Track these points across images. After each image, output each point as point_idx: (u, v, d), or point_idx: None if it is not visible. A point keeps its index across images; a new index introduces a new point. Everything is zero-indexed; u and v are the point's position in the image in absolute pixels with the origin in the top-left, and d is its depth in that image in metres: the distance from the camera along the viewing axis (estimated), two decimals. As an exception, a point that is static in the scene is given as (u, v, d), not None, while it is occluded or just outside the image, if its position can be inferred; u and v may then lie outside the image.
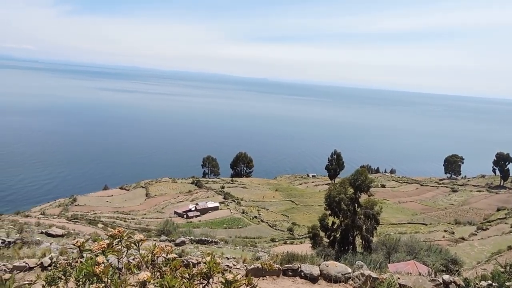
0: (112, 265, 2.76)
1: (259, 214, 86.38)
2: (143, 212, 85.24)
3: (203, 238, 33.72)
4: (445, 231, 68.86)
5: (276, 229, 76.67)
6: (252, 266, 8.17)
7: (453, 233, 66.50)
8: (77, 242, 2.87)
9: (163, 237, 31.55)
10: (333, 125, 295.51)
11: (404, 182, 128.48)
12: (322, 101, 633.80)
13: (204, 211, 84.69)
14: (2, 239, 18.92)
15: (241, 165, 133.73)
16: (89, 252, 2.86)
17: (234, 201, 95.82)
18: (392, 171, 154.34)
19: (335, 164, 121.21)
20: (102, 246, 2.87)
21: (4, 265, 8.00)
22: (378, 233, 43.90)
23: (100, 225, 56.23)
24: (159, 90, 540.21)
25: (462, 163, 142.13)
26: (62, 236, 31.69)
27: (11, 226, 29.20)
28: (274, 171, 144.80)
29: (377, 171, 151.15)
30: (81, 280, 2.64)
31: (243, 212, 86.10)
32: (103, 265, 2.55)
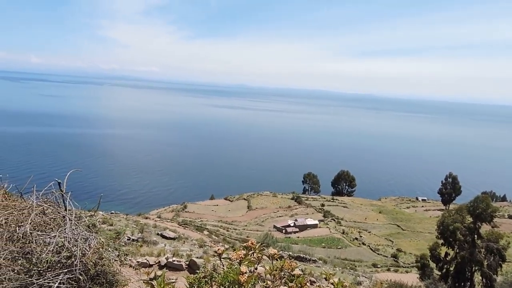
0: (256, 275, 2.95)
1: (361, 236, 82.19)
2: (244, 223, 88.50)
3: (301, 255, 33.47)
4: None
5: (378, 254, 71.89)
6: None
7: None
8: (218, 249, 3.17)
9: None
10: (449, 144, 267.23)
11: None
12: (435, 118, 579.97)
13: (303, 227, 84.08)
14: (128, 237, 21.59)
15: (343, 184, 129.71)
16: (228, 260, 3.11)
17: (334, 220, 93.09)
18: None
19: (450, 188, 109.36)
20: (240, 256, 3.10)
21: (130, 259, 9.13)
22: (504, 272, 37.83)
23: (205, 232, 60.16)
24: (264, 107, 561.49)
25: None
26: (174, 239, 34.75)
27: (134, 226, 32.96)
28: (378, 191, 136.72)
29: (503, 199, 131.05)
30: (224, 286, 2.86)
31: (343, 232, 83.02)
32: (246, 274, 2.75)
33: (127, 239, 21.30)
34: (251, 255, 3.15)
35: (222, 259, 3.28)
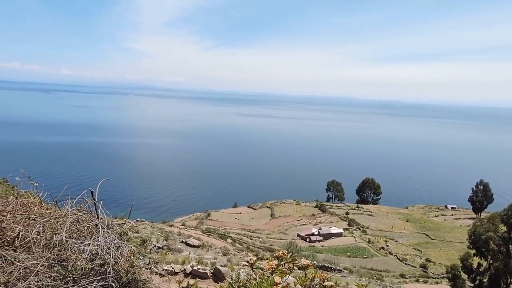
0: (287, 286, 2.94)
1: (387, 246, 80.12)
2: (268, 231, 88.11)
3: (326, 265, 32.98)
4: None
5: (406, 264, 69.79)
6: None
7: None
8: (250, 259, 3.19)
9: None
10: (479, 150, 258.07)
11: None
12: (464, 123, 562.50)
13: (327, 236, 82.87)
14: (154, 244, 21.89)
15: (368, 191, 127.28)
16: (260, 270, 3.11)
17: (359, 228, 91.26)
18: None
19: (481, 196, 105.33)
20: (272, 266, 3.10)
21: (155, 267, 9.26)
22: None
23: (229, 240, 60.27)
24: (286, 115, 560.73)
25: None
26: (198, 247, 34.97)
27: (159, 233, 33.44)
28: (405, 199, 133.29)
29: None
30: None
31: (369, 241, 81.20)
32: (280, 285, 2.75)
33: (153, 247, 21.63)
34: (282, 265, 3.13)
35: (254, 269, 3.27)
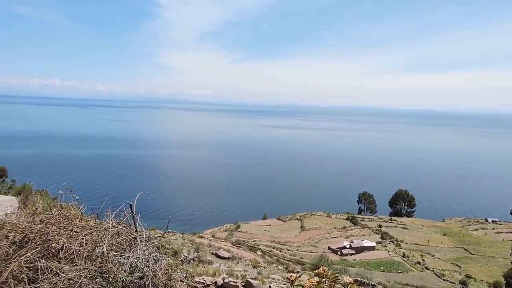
0: None
1: (423, 260, 76.93)
2: (298, 244, 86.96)
3: (359, 279, 32.03)
4: None
5: (444, 280, 66.61)
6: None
7: None
8: (291, 276, 3.21)
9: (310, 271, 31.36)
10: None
11: None
12: (502, 132, 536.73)
13: (359, 249, 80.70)
14: (185, 256, 22.13)
15: (401, 204, 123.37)
16: (301, 287, 3.11)
17: (393, 242, 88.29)
18: None
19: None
20: (313, 283, 3.10)
21: (192, 280, 9.35)
22: None
23: (259, 253, 59.99)
24: (316, 126, 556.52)
25: None
26: (228, 258, 35.03)
27: (190, 245, 33.78)
28: (441, 212, 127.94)
29: None
30: None
31: (403, 256, 78.30)
32: None
33: (184, 258, 21.86)
34: (323, 283, 3.10)
35: (294, 286, 3.25)
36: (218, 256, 33.44)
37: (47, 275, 3.25)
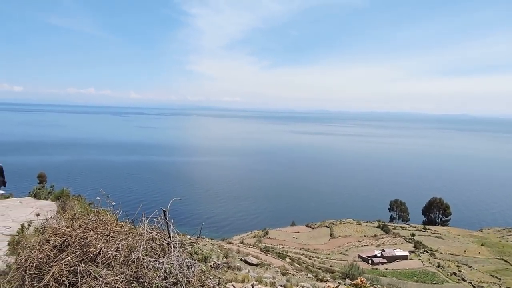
0: None
1: (460, 271, 73.49)
2: (327, 252, 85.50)
3: (392, 290, 31.07)
4: None
5: (483, 293, 63.36)
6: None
7: None
8: (328, 286, 3.22)
9: (348, 281, 30.73)
10: None
11: None
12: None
13: (391, 259, 78.28)
14: (214, 261, 22.29)
15: (435, 212, 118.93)
16: None
17: (427, 251, 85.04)
18: None
19: None
20: None
21: (224, 286, 9.40)
22: None
23: (287, 260, 59.42)
24: (345, 131, 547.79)
25: None
26: (256, 265, 34.96)
27: (219, 251, 34.02)
28: (479, 221, 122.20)
29: None
30: None
31: (438, 266, 75.16)
32: None
33: (213, 264, 22.02)
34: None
35: None
36: (246, 262, 33.43)
37: (86, 279, 3.38)
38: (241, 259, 33.97)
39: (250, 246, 67.21)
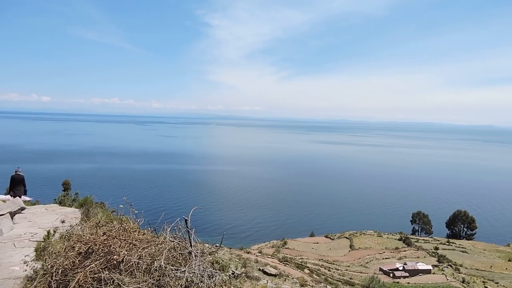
0: None
1: (486, 287, 70.57)
2: (347, 263, 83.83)
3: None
4: None
5: (512, 312, 60.55)
6: None
7: None
8: None
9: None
10: None
11: None
12: None
13: (414, 272, 76.02)
14: (232, 271, 22.20)
15: (460, 225, 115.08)
16: None
17: (451, 266, 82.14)
18: None
19: None
20: None
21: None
22: None
23: (306, 271, 58.60)
24: (367, 142, 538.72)
25: None
26: (275, 275, 34.59)
27: (237, 260, 33.89)
28: (506, 236, 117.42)
29: None
30: None
31: (463, 281, 72.39)
32: None
33: (231, 273, 21.96)
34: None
35: None
36: (265, 273, 33.14)
37: (109, 286, 3.45)
38: (259, 269, 33.70)
39: (269, 256, 66.67)
